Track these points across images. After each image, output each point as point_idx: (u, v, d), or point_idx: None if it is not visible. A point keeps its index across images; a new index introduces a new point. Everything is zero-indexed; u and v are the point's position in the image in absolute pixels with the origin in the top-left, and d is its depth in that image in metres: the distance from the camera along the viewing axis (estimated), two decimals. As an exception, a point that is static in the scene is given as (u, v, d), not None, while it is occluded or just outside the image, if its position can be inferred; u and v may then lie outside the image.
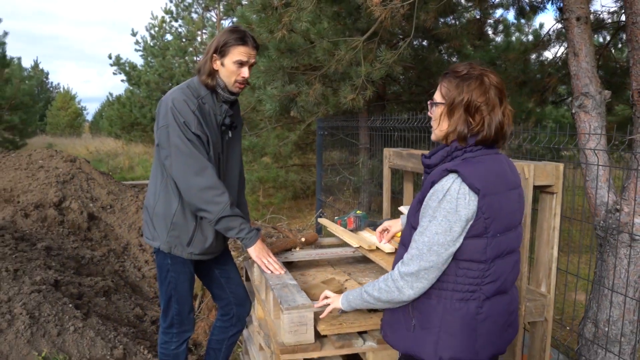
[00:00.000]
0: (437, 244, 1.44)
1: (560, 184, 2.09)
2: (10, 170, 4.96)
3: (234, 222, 2.24)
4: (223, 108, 2.31)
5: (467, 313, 1.50)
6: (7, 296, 2.76)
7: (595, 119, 2.55)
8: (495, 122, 1.47)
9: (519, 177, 1.61)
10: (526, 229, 2.08)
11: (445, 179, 1.45)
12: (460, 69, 1.52)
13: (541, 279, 2.20)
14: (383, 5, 2.88)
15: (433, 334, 1.53)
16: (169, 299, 2.43)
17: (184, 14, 22.28)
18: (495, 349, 1.57)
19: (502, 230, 1.48)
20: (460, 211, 1.41)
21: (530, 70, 4.83)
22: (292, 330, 1.92)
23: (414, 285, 1.50)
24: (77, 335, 2.81)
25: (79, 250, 4.07)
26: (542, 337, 2.20)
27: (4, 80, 10.45)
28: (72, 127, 29.11)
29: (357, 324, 2.00)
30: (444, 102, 1.52)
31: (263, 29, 3.33)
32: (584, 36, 2.61)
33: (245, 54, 2.23)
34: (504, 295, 1.57)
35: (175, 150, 2.17)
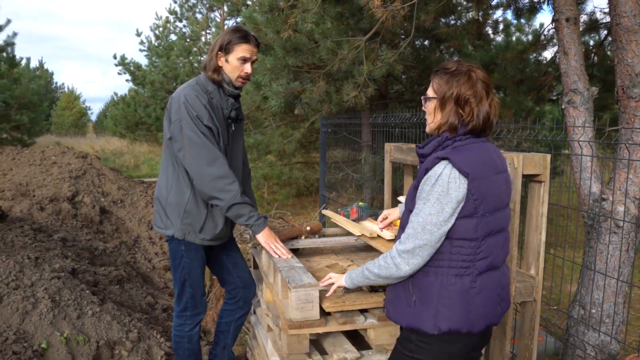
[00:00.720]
0: (430, 224, 1.60)
1: (548, 173, 2.25)
2: (25, 166, 5.14)
3: (244, 209, 2.41)
4: (230, 102, 2.48)
5: (462, 287, 1.65)
6: (30, 281, 2.94)
7: (584, 113, 2.70)
8: (483, 113, 1.63)
9: (505, 162, 1.77)
10: (515, 215, 2.23)
11: (437, 165, 1.61)
12: (450, 65, 1.68)
13: (530, 262, 2.36)
14: (384, 7, 3.04)
15: (432, 307, 1.68)
16: (183, 283, 2.60)
17: (188, 15, 22.44)
18: (488, 321, 1.71)
19: (491, 211, 1.63)
20: (451, 194, 1.57)
21: (526, 69, 4.98)
22: (299, 307, 2.08)
23: (410, 262, 1.66)
24: (95, 318, 2.97)
25: (92, 242, 4.24)
26: (531, 317, 2.35)
27: (12, 80, 10.65)
28: (77, 127, 29.35)
29: (358, 303, 2.16)
30: (436, 96, 1.68)
31: (270, 29, 3.49)
32: (573, 36, 2.77)
33: (248, 51, 2.40)
34: (495, 271, 1.72)
35: (189, 142, 2.33)
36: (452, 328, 1.65)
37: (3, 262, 2.98)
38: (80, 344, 2.79)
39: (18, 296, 2.79)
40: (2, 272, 2.92)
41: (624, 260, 2.59)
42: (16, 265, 3.00)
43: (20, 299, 2.78)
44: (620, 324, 2.62)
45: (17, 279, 2.91)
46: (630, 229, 2.56)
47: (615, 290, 2.61)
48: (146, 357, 3.00)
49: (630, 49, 2.45)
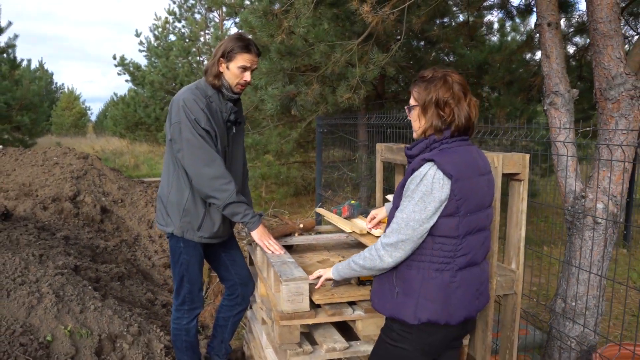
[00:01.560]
0: (413, 220, 1.72)
1: (527, 172, 2.36)
2: (27, 167, 5.26)
3: (239, 207, 2.53)
4: (228, 106, 2.60)
5: (442, 281, 1.77)
6: (35, 277, 3.06)
7: (565, 115, 2.82)
8: (463, 112, 1.75)
9: (488, 165, 1.89)
10: (496, 212, 2.35)
11: (423, 166, 1.73)
12: (426, 74, 1.81)
13: (511, 257, 2.48)
14: (374, 12, 3.15)
15: (413, 299, 1.80)
16: (181, 279, 2.72)
17: (187, 15, 22.53)
18: (466, 314, 1.83)
19: (473, 210, 1.75)
20: (434, 193, 1.69)
21: (516, 71, 5.10)
22: (289, 300, 2.20)
23: (392, 255, 1.78)
24: (97, 313, 3.09)
25: (93, 240, 4.37)
26: (512, 309, 2.47)
27: (14, 82, 10.77)
28: (77, 127, 29.47)
29: (347, 295, 2.28)
30: (418, 104, 1.81)
31: (264, 33, 3.61)
32: (555, 40, 2.89)
33: (248, 61, 2.51)
34: (475, 267, 1.84)
35: (187, 144, 2.45)
36: (431, 319, 1.77)
37: (9, 259, 3.10)
38: (84, 337, 2.91)
39: (24, 291, 2.91)
40: (9, 268, 3.04)
41: (602, 256, 2.71)
42: (21, 262, 3.12)
43: (26, 293, 2.90)
44: (599, 316, 2.75)
45: (22, 275, 3.03)
46: (608, 225, 2.68)
47: (595, 284, 2.73)
48: (146, 350, 3.11)
49: (607, 53, 2.57)
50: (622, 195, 2.68)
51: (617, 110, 2.59)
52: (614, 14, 2.54)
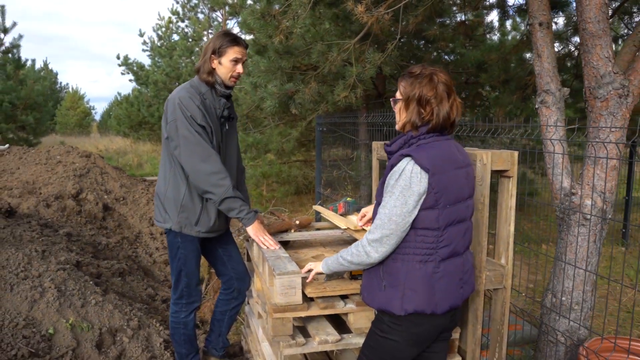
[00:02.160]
0: (395, 215, 1.77)
1: (515, 169, 2.42)
2: (31, 165, 5.35)
3: (235, 203, 2.59)
4: (222, 102, 2.67)
5: (426, 272, 1.83)
6: (38, 272, 3.13)
7: (555, 113, 2.87)
8: (443, 112, 1.81)
9: (467, 158, 1.94)
10: (485, 208, 2.41)
11: (401, 162, 1.79)
12: (415, 70, 1.86)
13: (501, 252, 2.53)
14: (369, 13, 3.21)
15: (399, 291, 1.86)
16: (179, 273, 2.79)
17: (190, 15, 22.63)
18: (451, 303, 1.89)
19: (452, 202, 1.81)
20: (413, 187, 1.75)
21: (512, 69, 5.14)
22: (283, 293, 2.26)
23: (378, 250, 1.84)
24: (98, 307, 3.17)
25: (95, 237, 4.44)
26: (502, 303, 2.53)
27: (19, 82, 10.88)
28: (81, 127, 29.63)
29: (338, 289, 2.34)
30: (402, 98, 1.86)
31: (263, 34, 3.67)
32: (546, 40, 2.94)
33: (239, 53, 2.60)
34: (457, 258, 1.89)
35: (184, 140, 2.52)
36: (417, 309, 1.83)
37: (12, 254, 3.18)
38: (85, 330, 2.98)
39: (27, 285, 2.99)
40: (12, 263, 3.12)
41: (591, 251, 2.76)
42: (24, 257, 3.20)
43: (29, 288, 2.98)
44: (589, 310, 2.80)
45: (25, 270, 3.10)
46: (597, 221, 2.72)
47: (584, 279, 2.78)
48: (146, 344, 3.19)
49: (595, 52, 2.62)
50: (611, 192, 2.72)
51: (605, 108, 2.64)
52: (603, 14, 2.59)
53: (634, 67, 2.60)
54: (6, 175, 5.09)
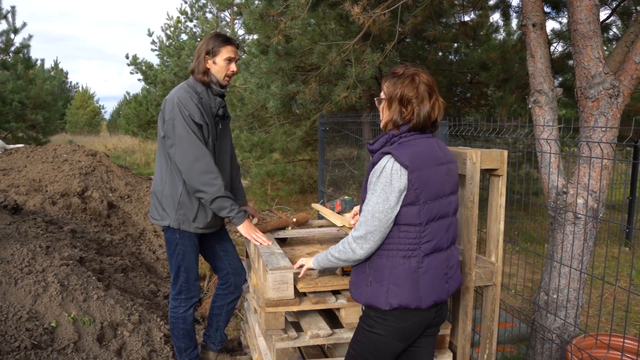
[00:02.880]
0: (378, 212, 1.83)
1: (505, 168, 2.45)
2: (38, 163, 5.46)
3: (226, 202, 2.66)
4: (217, 100, 2.75)
5: (409, 267, 1.88)
6: (41, 267, 3.22)
7: (548, 112, 2.91)
8: (423, 112, 1.86)
9: (449, 155, 1.98)
10: (474, 206, 2.45)
11: (382, 160, 1.84)
12: (398, 70, 1.91)
13: (491, 250, 2.57)
14: (366, 14, 3.26)
15: (384, 286, 1.91)
16: (177, 268, 2.87)
17: (198, 14, 22.77)
18: (436, 297, 1.92)
19: (433, 198, 1.85)
20: (394, 184, 1.80)
21: (510, 68, 5.16)
22: (275, 288, 2.32)
23: (363, 246, 1.89)
24: (99, 302, 3.25)
25: (99, 234, 4.53)
26: (492, 300, 2.57)
27: (28, 81, 11.05)
28: (91, 126, 29.92)
29: (330, 284, 2.40)
30: (385, 97, 1.92)
31: (262, 34, 3.73)
32: (539, 40, 2.97)
33: (232, 52, 2.69)
34: (441, 252, 1.93)
35: (179, 139, 2.59)
36: (402, 304, 1.88)
37: (17, 250, 3.27)
38: (86, 324, 3.06)
39: (30, 280, 3.07)
40: (17, 258, 3.21)
41: (583, 250, 2.79)
42: (29, 252, 3.29)
43: (33, 282, 3.06)
44: (579, 308, 2.83)
45: (29, 265, 3.19)
46: (588, 220, 2.76)
47: (575, 277, 2.81)
48: (146, 338, 3.26)
49: (586, 53, 2.65)
50: (602, 192, 2.75)
51: (596, 108, 2.67)
52: (593, 16, 2.62)
53: (624, 67, 2.63)
54: (14, 173, 5.20)
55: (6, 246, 3.26)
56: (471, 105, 8.21)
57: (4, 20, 11.00)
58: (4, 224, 3.50)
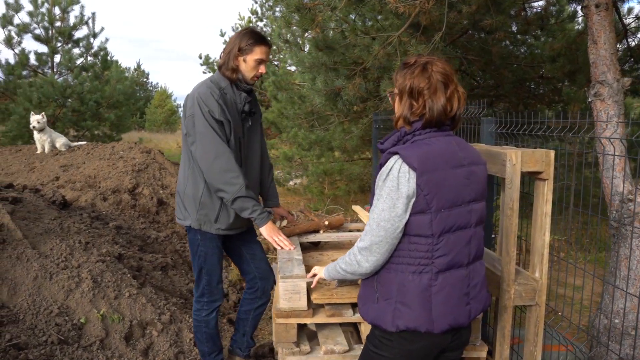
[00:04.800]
0: (383, 220, 1.60)
1: (551, 171, 2.12)
2: (95, 160, 5.67)
3: (248, 203, 2.52)
4: (243, 96, 2.62)
5: (420, 284, 1.63)
6: (77, 263, 3.28)
7: (612, 107, 2.51)
8: (437, 105, 1.60)
9: (473, 156, 1.70)
10: (514, 214, 2.14)
11: (389, 161, 1.61)
12: (410, 60, 1.67)
13: (535, 265, 2.24)
14: (407, 2, 3.00)
15: (391, 304, 1.67)
16: (199, 270, 2.78)
17: (268, 14, 23.09)
18: (453, 321, 1.66)
19: (447, 206, 1.59)
20: (401, 189, 1.56)
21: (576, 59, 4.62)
22: (286, 297, 2.16)
23: (369, 259, 1.66)
24: (131, 300, 3.25)
25: (146, 230, 4.60)
26: (535, 322, 2.24)
27: (105, 82, 11.69)
28: (168, 124, 31.36)
29: (348, 296, 2.19)
30: (396, 90, 1.68)
31: (299, 27, 3.58)
32: (604, 23, 2.57)
33: (264, 53, 2.54)
34: (460, 269, 1.66)
35: (200, 136, 2.50)
36: (409, 326, 1.63)
37: (56, 245, 3.35)
38: (115, 321, 3.07)
39: (65, 275, 3.13)
40: (55, 253, 3.29)
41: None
42: (67, 248, 3.36)
43: (66, 277, 3.12)
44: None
45: (66, 260, 3.26)
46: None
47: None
48: (175, 339, 3.22)
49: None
50: (678, 200, 2.33)
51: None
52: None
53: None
54: (72, 169, 5.44)
55: (47, 241, 3.35)
56: (543, 102, 7.58)
57: (85, 25, 11.75)
58: (49, 219, 3.61)
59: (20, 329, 2.76)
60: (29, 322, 2.83)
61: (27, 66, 11.19)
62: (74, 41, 11.44)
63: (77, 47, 11.54)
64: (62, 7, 11.15)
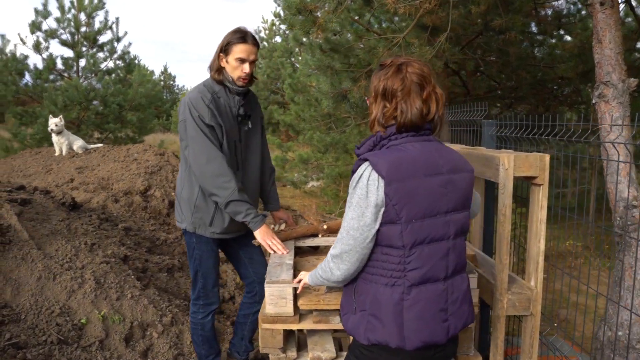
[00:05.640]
0: (352, 229, 1.55)
1: (546, 176, 2.04)
2: (110, 162, 5.78)
3: (241, 207, 2.51)
4: (236, 99, 2.60)
5: (392, 298, 1.56)
6: (81, 264, 3.33)
7: (616, 109, 2.41)
8: (412, 107, 1.53)
9: (453, 163, 1.61)
10: (506, 220, 2.07)
11: (360, 167, 1.56)
12: (386, 60, 1.62)
13: (530, 273, 2.16)
14: (408, 3, 2.94)
15: (365, 316, 1.62)
16: (195, 273, 2.79)
17: (291, 17, 23.15)
18: (427, 338, 1.57)
19: (419, 217, 1.52)
20: (370, 197, 1.51)
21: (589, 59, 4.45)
22: (272, 303, 2.13)
23: (340, 267, 1.62)
24: (133, 301, 3.28)
25: (155, 232, 4.65)
26: (530, 333, 2.16)
27: (128, 85, 11.93)
28: (193, 126, 31.75)
29: (334, 303, 2.15)
30: (371, 92, 1.64)
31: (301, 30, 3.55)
32: (609, 21, 2.47)
33: (244, 52, 2.49)
34: (436, 284, 1.58)
35: (192, 141, 2.50)
36: (380, 341, 1.57)
37: (62, 246, 3.41)
38: (116, 322, 3.10)
39: (68, 276, 3.18)
40: (60, 254, 3.35)
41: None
42: (72, 249, 3.41)
43: (70, 278, 3.17)
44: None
45: (70, 261, 3.31)
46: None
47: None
48: (175, 341, 3.24)
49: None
50: (685, 206, 2.21)
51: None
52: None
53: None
54: (87, 171, 5.55)
55: (52, 242, 3.41)
56: (564, 104, 7.37)
57: (109, 30, 12.01)
58: (56, 220, 3.68)
59: (21, 328, 2.81)
60: (30, 322, 2.88)
61: (54, 70, 11.50)
62: (99, 45, 11.71)
63: (101, 51, 11.80)
64: (88, 12, 11.42)
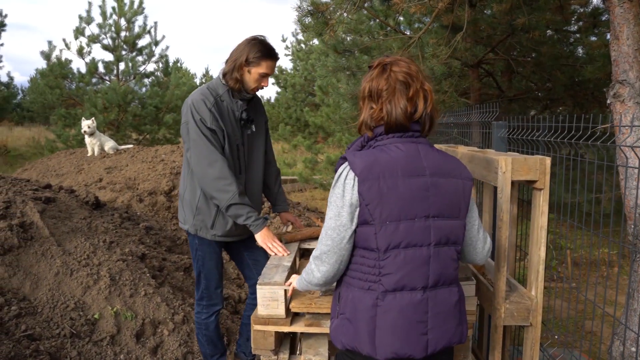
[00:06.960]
0: (330, 229, 1.53)
1: (547, 180, 1.94)
2: (138, 162, 5.94)
3: (242, 210, 2.52)
4: (239, 104, 2.61)
5: (365, 303, 1.52)
6: (98, 261, 3.43)
7: (633, 109, 2.27)
8: (397, 108, 1.49)
9: (439, 166, 1.54)
10: (504, 226, 1.98)
11: (341, 167, 1.54)
12: (375, 61, 1.60)
13: (532, 282, 2.06)
14: (418, 2, 2.88)
15: (342, 320, 1.60)
16: (198, 274, 2.82)
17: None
18: (399, 349, 1.50)
19: (393, 219, 1.47)
20: (345, 196, 1.49)
21: None
22: (264, 304, 2.13)
23: (320, 268, 1.60)
24: (146, 299, 3.36)
25: (177, 232, 4.75)
26: (530, 345, 2.06)
27: (165, 88, 12.27)
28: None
29: (326, 306, 2.12)
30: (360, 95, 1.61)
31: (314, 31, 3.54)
32: (627, 16, 2.34)
33: (270, 68, 2.52)
34: (413, 292, 1.50)
35: (193, 144, 2.53)
36: (351, 345, 1.54)
37: (81, 244, 3.52)
38: (128, 319, 3.18)
39: (84, 272, 3.28)
40: (79, 251, 3.46)
41: (675, 290, 2.12)
42: (91, 246, 3.52)
43: (86, 275, 3.27)
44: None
45: (88, 258, 3.42)
46: (683, 251, 2.08)
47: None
48: (185, 339, 3.28)
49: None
50: None
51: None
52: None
53: None
54: (115, 171, 5.73)
55: (72, 239, 3.53)
56: (594, 105, 7.06)
57: (147, 34, 12.39)
58: (78, 218, 3.81)
59: (36, 320, 2.92)
60: (46, 315, 2.99)
61: (96, 74, 11.97)
62: (138, 49, 12.10)
63: (140, 54, 12.20)
64: (127, 17, 11.83)
